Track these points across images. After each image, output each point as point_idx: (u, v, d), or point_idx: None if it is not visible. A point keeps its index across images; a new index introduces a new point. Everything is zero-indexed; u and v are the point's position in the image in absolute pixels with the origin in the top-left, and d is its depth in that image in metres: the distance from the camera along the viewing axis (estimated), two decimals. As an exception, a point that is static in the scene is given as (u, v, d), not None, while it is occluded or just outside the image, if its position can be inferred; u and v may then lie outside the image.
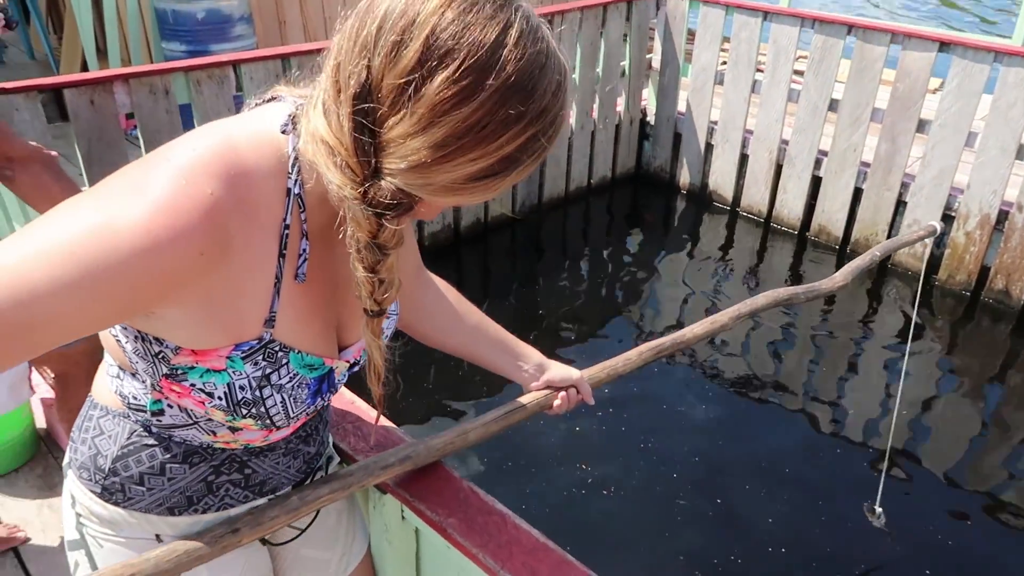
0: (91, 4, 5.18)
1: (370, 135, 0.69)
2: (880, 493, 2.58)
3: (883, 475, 2.62)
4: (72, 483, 0.98)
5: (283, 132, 0.78)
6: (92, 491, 0.95)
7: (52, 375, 2.21)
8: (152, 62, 5.39)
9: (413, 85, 0.66)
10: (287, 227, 0.79)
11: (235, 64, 3.04)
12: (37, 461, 2.42)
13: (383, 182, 0.70)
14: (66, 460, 1.00)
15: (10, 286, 0.65)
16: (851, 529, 2.67)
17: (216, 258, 0.73)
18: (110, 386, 0.93)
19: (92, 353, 0.93)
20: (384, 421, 1.25)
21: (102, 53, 5.50)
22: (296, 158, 0.78)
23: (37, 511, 2.26)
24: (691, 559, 2.60)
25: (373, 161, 0.70)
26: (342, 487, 1.02)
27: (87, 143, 2.76)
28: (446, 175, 0.69)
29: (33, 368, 2.24)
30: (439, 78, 0.66)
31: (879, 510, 2.55)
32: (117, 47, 5.27)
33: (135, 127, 2.96)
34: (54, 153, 1.95)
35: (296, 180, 0.79)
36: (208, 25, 4.69)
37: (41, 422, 2.52)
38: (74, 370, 2.04)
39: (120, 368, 0.90)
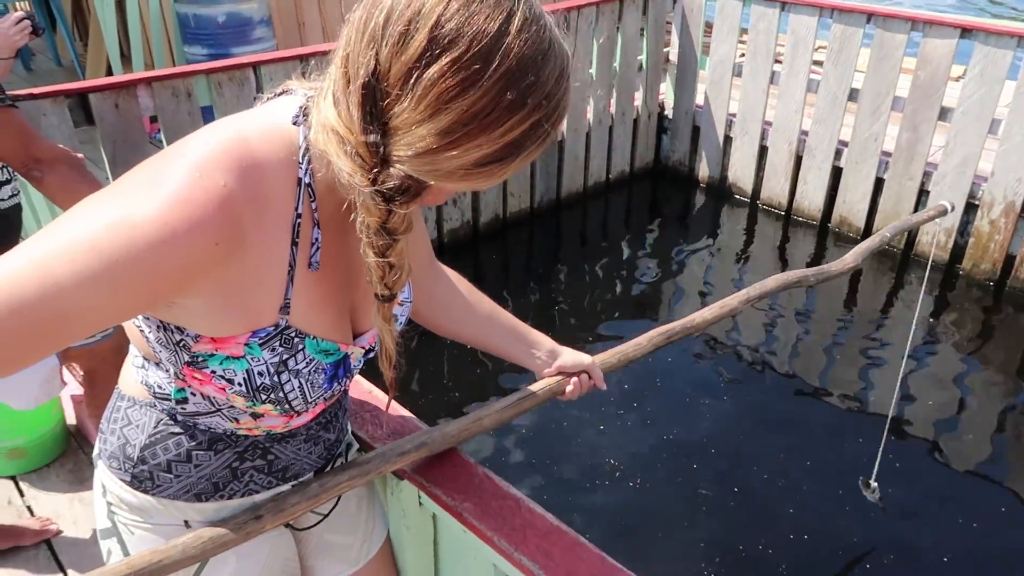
0: (115, 10, 5.28)
1: (378, 123, 0.72)
2: (876, 468, 2.56)
3: (879, 454, 2.59)
4: (102, 473, 1.02)
5: (294, 123, 0.81)
6: (122, 480, 0.98)
7: (81, 372, 2.27)
8: (174, 66, 5.47)
9: (418, 74, 0.68)
10: (299, 216, 0.82)
11: (255, 66, 3.09)
12: (68, 456, 2.48)
13: (392, 169, 0.73)
14: (96, 451, 1.04)
15: (36, 281, 0.68)
16: (883, 516, 2.65)
17: (231, 248, 0.76)
18: (136, 377, 0.96)
19: (118, 350, 0.96)
20: (400, 410, 1.28)
21: (126, 58, 5.60)
22: (307, 148, 0.81)
23: (68, 505, 2.31)
24: (704, 543, 2.60)
25: (382, 148, 0.72)
26: (360, 473, 1.05)
27: (112, 146, 2.82)
28: (453, 161, 0.71)
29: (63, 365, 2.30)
30: (444, 66, 0.68)
31: (874, 484, 2.55)
32: (140, 52, 5.37)
33: (159, 130, 3.02)
34: (80, 155, 2.01)
35: (306, 170, 0.81)
36: (228, 28, 4.76)
37: (71, 418, 2.58)
38: (102, 367, 2.09)
39: (144, 359, 0.94)
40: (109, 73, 5.46)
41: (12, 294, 0.68)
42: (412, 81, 0.69)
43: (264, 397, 0.87)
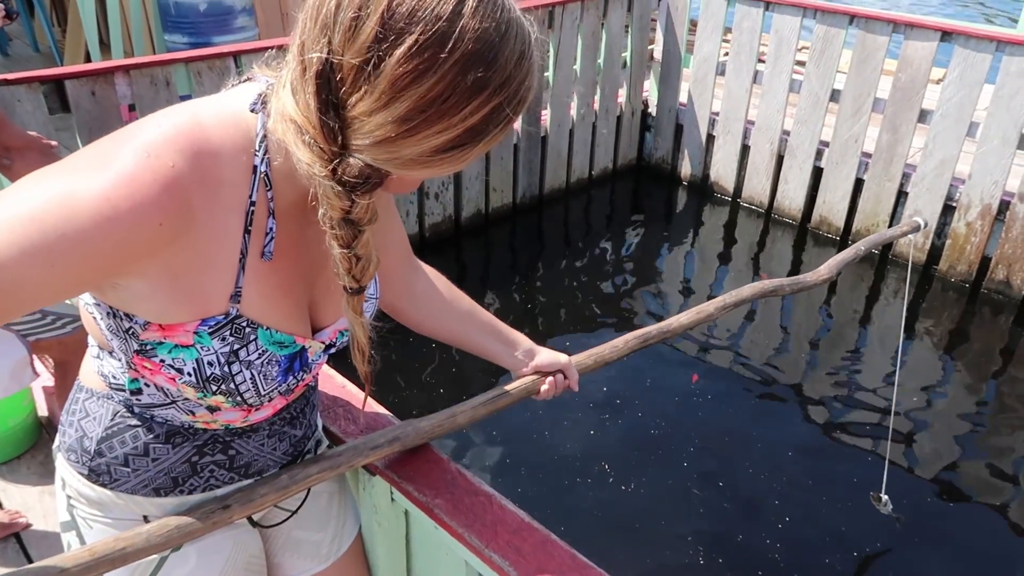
0: (94, -4, 5.20)
1: (335, 112, 0.70)
2: (884, 481, 2.58)
3: (886, 463, 2.62)
4: (61, 466, 1.00)
5: (252, 111, 0.79)
6: (80, 473, 0.97)
7: (52, 363, 2.24)
8: (154, 54, 5.41)
9: (372, 61, 0.67)
10: (252, 204, 0.81)
11: (236, 55, 3.06)
12: (39, 448, 2.45)
13: (351, 158, 0.71)
14: (56, 443, 1.02)
15: None
16: (857, 516, 2.68)
17: (177, 230, 0.75)
18: (93, 367, 0.95)
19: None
20: (375, 406, 1.27)
21: (105, 45, 5.52)
22: (264, 137, 0.79)
23: (39, 497, 2.28)
24: (678, 545, 2.62)
25: (340, 138, 0.71)
26: (331, 467, 1.04)
27: (89, 134, 2.78)
28: (412, 148, 0.70)
29: (35, 356, 2.27)
30: (397, 53, 0.66)
31: (885, 498, 2.56)
32: (120, 39, 5.29)
33: (136, 119, 2.98)
34: (54, 143, 1.98)
35: (263, 158, 0.80)
36: (210, 17, 4.71)
37: (43, 410, 2.54)
38: (72, 358, 2.06)
39: (100, 348, 0.92)
40: (88, 60, 5.38)
41: None
42: (367, 69, 0.67)
43: (215, 388, 0.85)
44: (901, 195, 4.13)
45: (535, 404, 2.49)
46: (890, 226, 4.21)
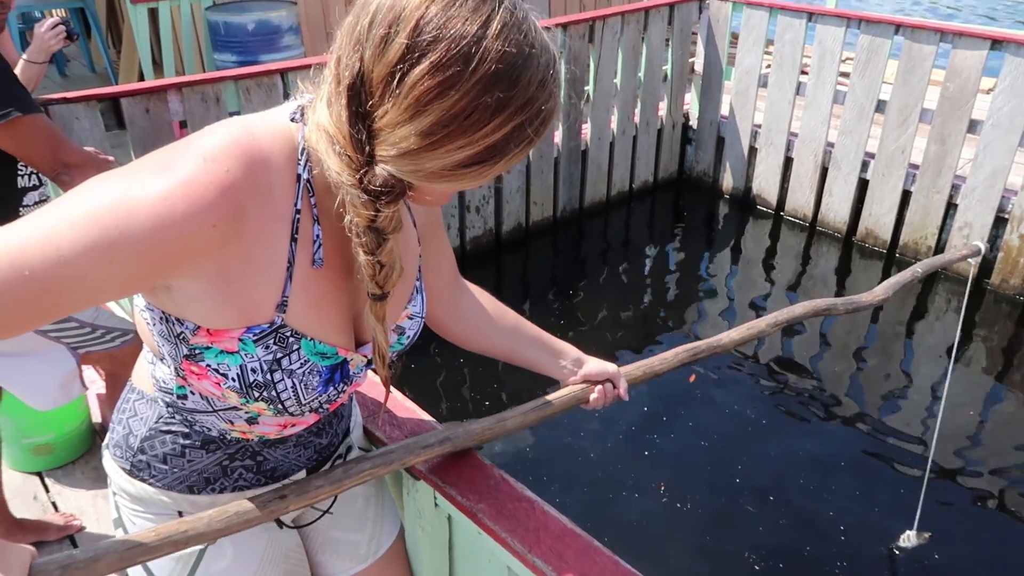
0: (148, 18, 5.38)
1: (364, 124, 0.74)
2: (919, 512, 2.51)
3: (922, 493, 2.54)
4: (107, 462, 1.05)
5: (292, 120, 0.83)
6: (123, 468, 1.02)
7: (104, 373, 2.30)
8: (204, 72, 5.57)
9: (398, 76, 0.70)
10: (298, 212, 0.84)
11: (283, 72, 3.14)
12: (92, 454, 2.52)
13: (376, 168, 0.75)
14: (105, 440, 1.07)
15: (40, 247, 0.71)
16: (889, 545, 2.61)
17: (229, 233, 0.78)
18: (146, 370, 0.99)
19: (137, 356, 0.98)
20: (420, 413, 1.28)
21: (158, 65, 5.70)
22: (305, 146, 0.83)
23: (92, 501, 2.35)
24: (722, 559, 2.58)
25: (367, 148, 0.74)
26: (384, 463, 1.06)
27: (142, 150, 2.87)
28: (435, 162, 0.73)
29: (87, 366, 2.34)
30: (422, 68, 0.69)
31: (914, 533, 2.49)
32: (172, 59, 5.46)
33: (188, 135, 3.07)
34: (110, 158, 2.05)
35: (305, 166, 0.83)
36: (258, 36, 4.83)
37: (97, 417, 2.62)
38: (122, 371, 2.11)
39: (153, 353, 0.96)
40: (141, 79, 5.56)
41: (18, 257, 0.71)
42: (394, 83, 0.71)
43: (257, 394, 0.88)
44: (950, 207, 4.04)
45: (578, 414, 2.49)
46: (939, 238, 4.12)
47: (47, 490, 2.40)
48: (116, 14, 6.65)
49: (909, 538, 2.50)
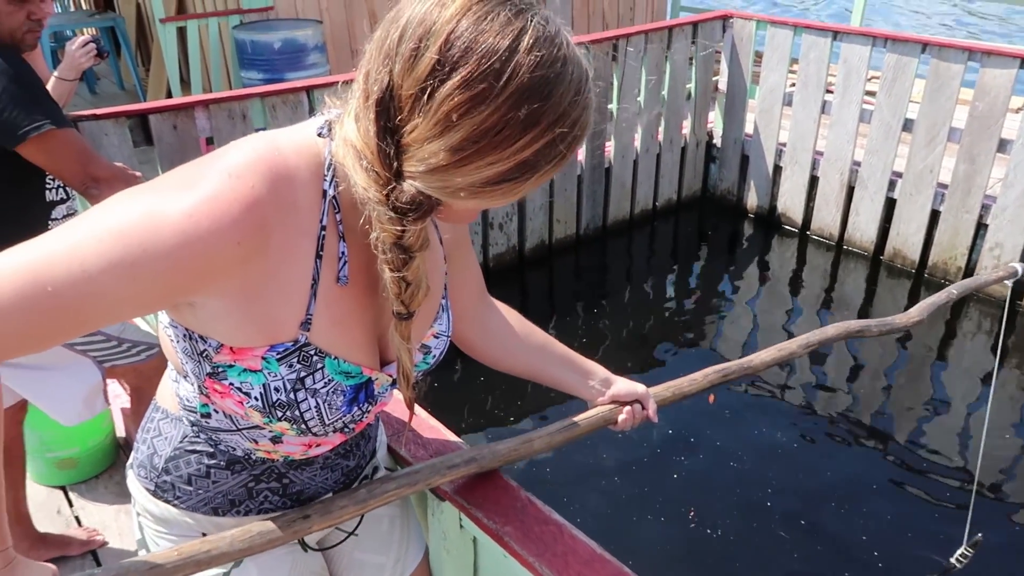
0: (176, 37, 5.47)
1: (392, 139, 0.72)
2: (966, 537, 2.42)
3: (968, 519, 2.46)
4: (132, 482, 1.04)
5: (319, 135, 0.82)
6: (147, 488, 1.01)
7: (128, 387, 2.31)
8: (232, 89, 5.64)
9: (428, 91, 0.69)
10: (323, 228, 0.82)
11: (308, 90, 3.16)
12: (116, 468, 2.53)
13: (404, 184, 0.73)
14: (130, 460, 1.06)
15: (66, 262, 0.70)
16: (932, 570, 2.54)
17: (253, 251, 0.76)
18: (170, 389, 0.98)
19: (164, 370, 0.98)
20: (446, 433, 1.27)
21: (185, 82, 5.79)
22: (331, 162, 0.81)
23: (115, 516, 2.35)
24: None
25: (395, 164, 0.73)
26: (409, 483, 1.04)
27: (169, 166, 2.89)
28: (464, 178, 0.71)
29: (112, 380, 2.35)
30: (452, 83, 0.68)
31: (963, 551, 2.41)
32: (199, 76, 5.54)
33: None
34: (138, 174, 2.06)
35: (331, 182, 0.82)
36: (284, 54, 4.89)
37: (121, 431, 2.63)
38: (146, 385, 2.12)
39: (176, 372, 0.95)
40: (169, 96, 5.65)
41: (43, 272, 0.70)
42: (423, 98, 0.69)
43: (280, 414, 0.86)
44: (980, 227, 3.97)
45: (604, 435, 2.45)
46: (969, 259, 4.05)
47: (70, 504, 2.40)
48: (145, 33, 6.78)
49: (965, 555, 2.41)
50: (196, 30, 5.43)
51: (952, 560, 2.34)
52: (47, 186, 1.93)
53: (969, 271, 4.08)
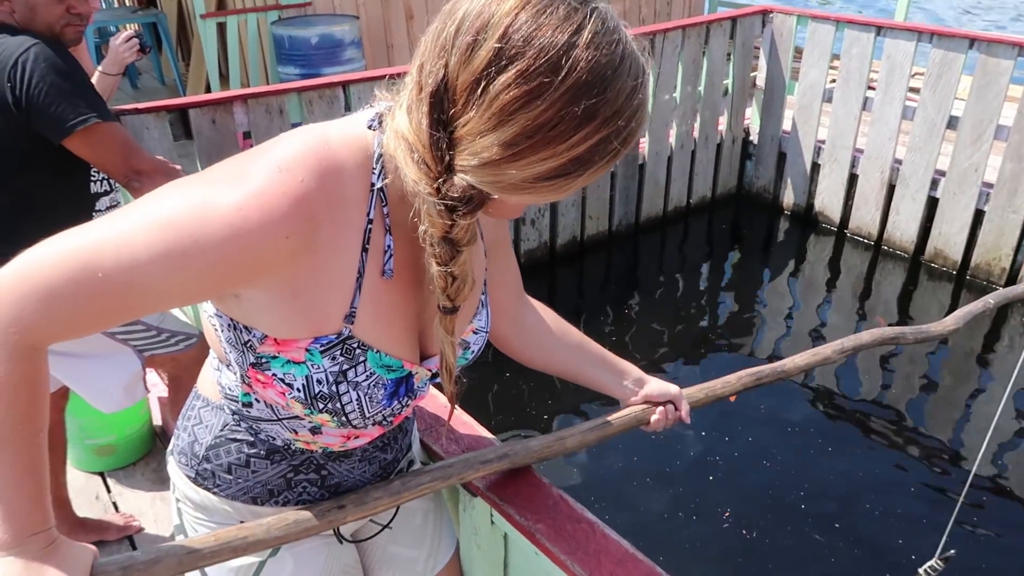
0: (216, 32, 5.54)
1: (445, 132, 0.71)
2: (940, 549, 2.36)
3: (947, 530, 2.38)
4: (172, 468, 1.05)
5: (369, 128, 0.82)
6: (187, 475, 1.01)
7: (166, 376, 2.35)
8: (269, 84, 5.71)
9: (484, 84, 0.68)
10: (370, 222, 0.82)
11: (345, 85, 3.18)
12: (153, 456, 2.57)
13: (455, 178, 0.72)
14: (170, 447, 1.07)
15: (117, 250, 0.71)
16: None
17: (301, 244, 0.76)
18: (212, 377, 0.99)
19: (201, 359, 0.99)
20: (478, 428, 1.26)
21: (224, 77, 5.87)
22: (380, 154, 0.81)
23: (151, 503, 2.39)
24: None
25: (447, 157, 0.72)
26: (443, 477, 1.04)
27: (208, 159, 2.94)
28: (516, 173, 0.70)
29: (149, 369, 2.39)
30: (508, 77, 0.67)
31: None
32: (238, 71, 5.62)
33: (251, 145, 3.13)
34: (178, 167, 2.09)
35: (379, 175, 0.81)
36: (321, 50, 4.93)
37: (158, 419, 2.67)
38: (184, 375, 2.15)
39: (219, 360, 0.96)
40: (208, 91, 5.73)
41: (92, 258, 0.71)
42: (479, 91, 0.68)
43: (321, 406, 0.86)
44: (1027, 228, 3.87)
45: (635, 435, 2.44)
46: (1014, 260, 3.95)
47: (108, 490, 2.45)
48: (186, 28, 6.89)
49: (934, 567, 2.36)
50: (235, 26, 5.49)
51: (920, 571, 2.30)
52: (91, 178, 1.96)
53: (1014, 273, 3.97)
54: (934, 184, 4.14)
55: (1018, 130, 3.75)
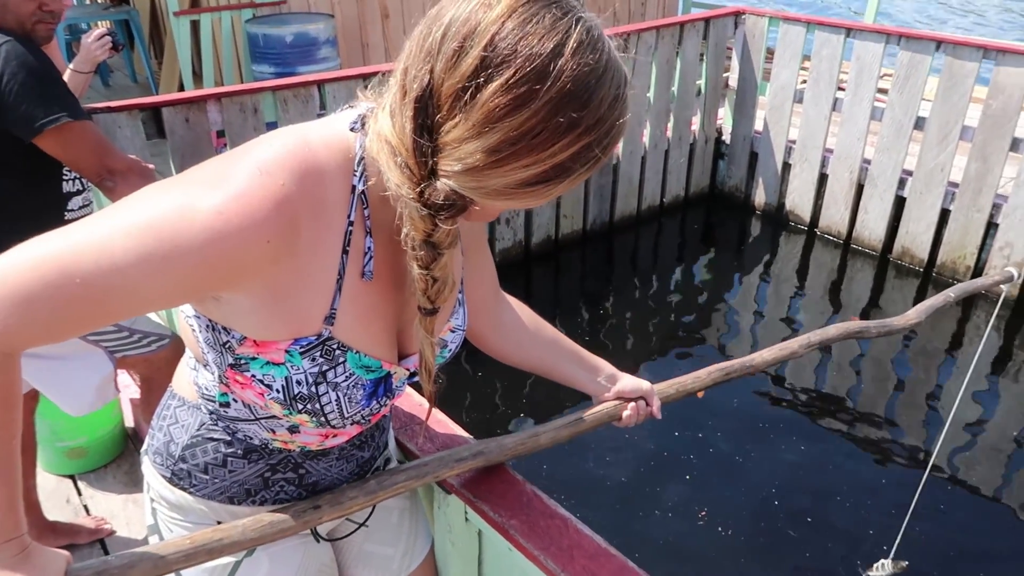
0: (189, 30, 5.49)
1: (429, 137, 0.72)
2: (893, 552, 2.44)
3: (901, 531, 2.45)
4: (147, 468, 1.05)
5: (351, 130, 0.82)
6: (163, 475, 1.01)
7: (138, 377, 2.33)
8: (244, 83, 5.66)
9: (470, 91, 0.69)
10: (351, 224, 0.83)
11: (320, 84, 3.17)
12: (124, 458, 2.55)
13: (438, 183, 0.73)
14: (144, 446, 1.07)
15: (94, 253, 0.71)
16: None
17: (283, 248, 0.77)
18: (188, 377, 0.99)
19: (174, 360, 0.99)
20: (453, 427, 1.28)
21: (198, 76, 5.81)
22: (362, 157, 0.82)
23: (123, 505, 2.37)
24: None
25: (430, 162, 0.73)
26: (418, 475, 1.05)
27: (181, 158, 2.92)
28: (499, 179, 0.71)
29: (121, 370, 2.37)
30: (495, 85, 0.68)
31: (890, 561, 2.43)
32: (211, 70, 5.56)
33: (226, 144, 3.11)
34: (151, 166, 2.08)
35: (361, 177, 0.82)
36: (296, 48, 4.90)
37: (130, 421, 2.65)
38: (156, 376, 2.14)
39: (196, 360, 0.96)
40: (181, 89, 5.67)
41: (70, 263, 0.71)
42: (464, 98, 0.69)
43: (301, 407, 0.87)
44: (991, 226, 3.95)
45: (610, 432, 2.46)
46: (978, 258, 4.04)
47: (79, 493, 2.43)
48: (159, 26, 6.80)
49: (884, 566, 2.43)
50: (209, 23, 5.44)
51: (870, 573, 2.38)
52: (63, 177, 1.94)
53: (978, 270, 4.06)
54: (901, 184, 4.21)
55: (982, 131, 3.83)
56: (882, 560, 2.42)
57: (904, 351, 3.78)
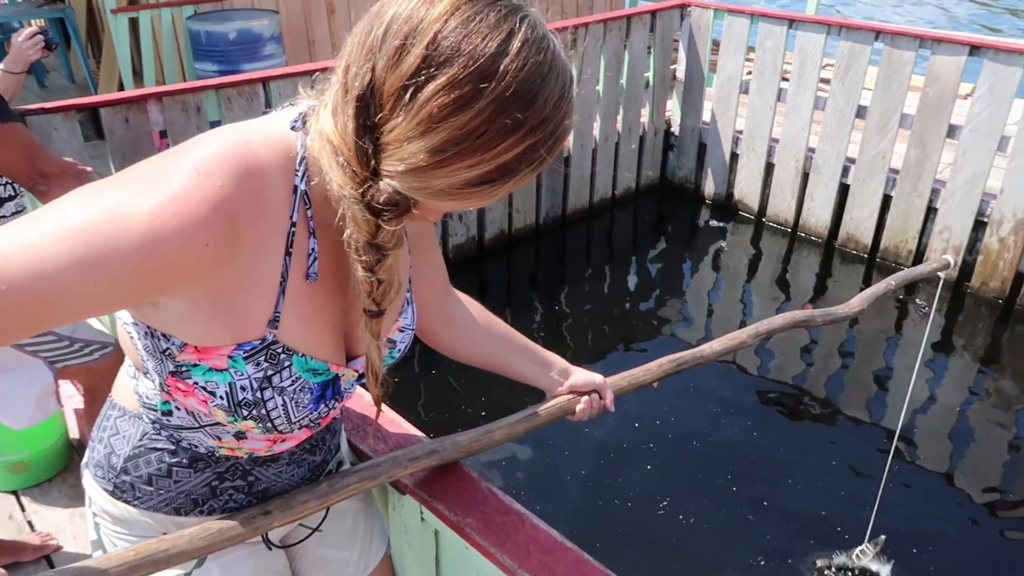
0: (128, 28, 5.33)
1: (371, 136, 0.70)
2: (868, 534, 2.52)
3: (873, 514, 2.53)
4: (88, 482, 1.02)
5: (292, 128, 0.80)
6: (105, 489, 0.98)
7: (82, 387, 2.27)
8: (186, 82, 5.52)
9: (412, 90, 0.67)
10: (293, 225, 0.81)
11: (265, 81, 3.11)
12: (70, 471, 2.47)
13: (381, 183, 0.71)
14: (84, 459, 1.03)
15: (24, 260, 0.67)
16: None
17: (223, 251, 0.75)
18: (128, 386, 0.96)
19: (118, 369, 0.95)
20: (407, 426, 1.26)
21: (138, 75, 5.65)
22: (304, 156, 0.80)
23: (69, 520, 2.30)
24: (726, 566, 2.57)
25: (373, 163, 0.71)
26: (371, 476, 1.04)
27: (122, 160, 2.83)
28: (443, 180, 0.70)
29: (64, 381, 2.30)
30: (438, 84, 0.67)
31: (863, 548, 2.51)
32: (152, 68, 5.42)
33: (168, 145, 3.04)
34: (88, 169, 2.02)
35: (303, 177, 0.80)
36: (239, 45, 4.80)
37: (74, 432, 2.57)
38: (100, 385, 2.08)
39: (135, 368, 0.93)
40: (121, 89, 5.51)
41: None
42: (406, 97, 0.68)
43: (246, 413, 0.85)
44: (931, 211, 4.08)
45: (565, 424, 2.48)
46: (919, 242, 4.16)
47: (23, 509, 2.35)
48: (96, 24, 6.60)
49: (865, 551, 2.51)
50: (149, 21, 5.29)
51: (852, 555, 2.45)
52: (-8, 183, 1.88)
53: (920, 254, 4.18)
54: (845, 171, 4.32)
55: (920, 118, 3.94)
56: (861, 546, 2.49)
57: (852, 337, 3.88)
